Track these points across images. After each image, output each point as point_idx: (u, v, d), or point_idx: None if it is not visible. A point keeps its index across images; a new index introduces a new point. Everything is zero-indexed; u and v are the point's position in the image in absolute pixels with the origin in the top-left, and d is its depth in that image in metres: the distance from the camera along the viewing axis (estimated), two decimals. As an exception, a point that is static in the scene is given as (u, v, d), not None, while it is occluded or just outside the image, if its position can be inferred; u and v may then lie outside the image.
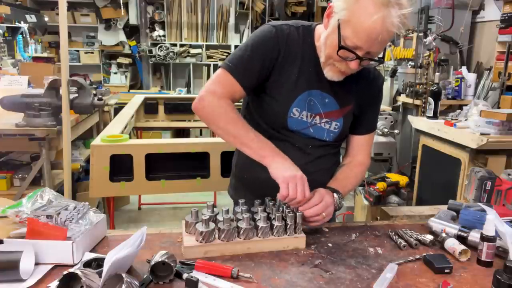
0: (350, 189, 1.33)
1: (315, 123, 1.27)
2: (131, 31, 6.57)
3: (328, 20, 1.13)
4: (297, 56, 1.23)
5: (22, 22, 4.87)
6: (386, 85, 4.16)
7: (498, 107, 2.98)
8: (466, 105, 2.97)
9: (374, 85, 1.34)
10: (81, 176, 3.47)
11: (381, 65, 4.12)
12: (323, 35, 1.16)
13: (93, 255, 0.99)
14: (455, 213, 1.32)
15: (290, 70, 1.23)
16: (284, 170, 1.10)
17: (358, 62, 1.11)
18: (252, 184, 1.34)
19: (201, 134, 5.79)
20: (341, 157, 1.45)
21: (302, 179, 1.10)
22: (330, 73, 1.19)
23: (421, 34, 3.58)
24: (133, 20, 6.39)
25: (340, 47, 1.08)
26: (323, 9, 6.13)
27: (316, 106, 1.26)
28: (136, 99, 4.03)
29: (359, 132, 1.37)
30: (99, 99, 2.75)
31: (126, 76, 6.61)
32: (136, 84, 6.82)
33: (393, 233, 1.20)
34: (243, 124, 1.19)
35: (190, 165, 2.52)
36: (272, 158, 1.14)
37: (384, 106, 3.81)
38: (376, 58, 1.15)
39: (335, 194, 1.20)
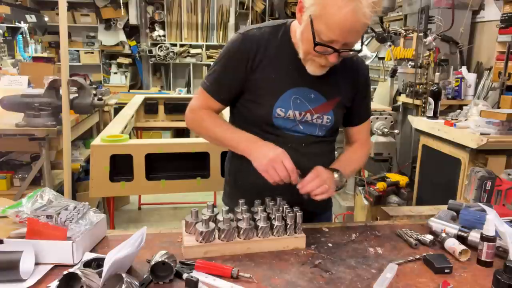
0: (353, 169, 1.37)
1: (306, 120, 1.25)
2: (131, 31, 6.57)
3: (301, 15, 1.11)
4: (272, 58, 1.21)
5: (22, 22, 4.88)
6: (386, 85, 4.16)
7: (498, 107, 2.98)
8: (466, 105, 2.97)
9: (360, 73, 1.32)
10: (81, 176, 3.47)
11: (380, 61, 4.13)
12: (298, 31, 1.14)
13: (93, 255, 0.99)
14: (455, 213, 1.32)
15: (267, 72, 1.22)
16: (260, 159, 1.14)
17: (337, 55, 1.09)
18: (247, 189, 1.31)
19: (201, 134, 5.79)
20: (336, 155, 1.44)
21: (278, 158, 1.12)
22: (311, 68, 1.17)
23: (421, 34, 3.58)
24: (133, 20, 6.39)
25: (316, 44, 1.07)
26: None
27: (303, 103, 1.24)
28: (136, 99, 4.03)
29: (355, 123, 1.38)
30: (99, 99, 2.75)
31: (126, 76, 6.62)
32: (136, 84, 6.83)
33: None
34: (221, 126, 1.26)
35: (190, 165, 2.52)
36: (250, 149, 1.18)
37: (384, 106, 3.81)
38: (354, 48, 1.12)
39: (334, 173, 1.23)
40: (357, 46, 1.14)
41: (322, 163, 1.33)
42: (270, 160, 1.12)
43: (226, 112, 1.40)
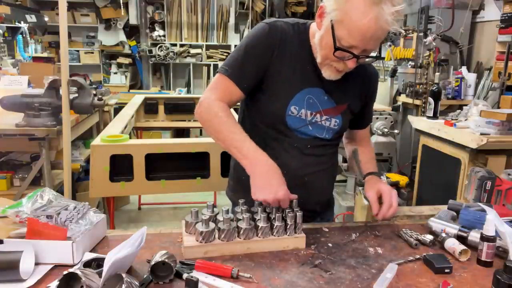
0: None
1: (315, 121, 1.27)
2: (131, 31, 6.57)
3: (321, 20, 1.12)
4: (293, 54, 1.23)
5: (22, 22, 4.87)
6: (386, 85, 4.16)
7: (498, 107, 2.98)
8: (466, 105, 2.97)
9: (372, 82, 1.36)
10: (81, 176, 3.47)
11: (380, 61, 4.14)
12: (317, 36, 1.15)
13: (93, 255, 0.99)
14: (455, 213, 1.32)
15: (286, 68, 1.23)
16: (258, 191, 1.09)
17: (355, 60, 1.11)
18: (250, 185, 1.33)
19: (201, 134, 5.79)
20: (339, 157, 1.47)
21: (277, 197, 1.08)
22: (327, 73, 1.19)
23: (421, 34, 3.58)
24: (133, 20, 6.39)
25: (337, 49, 1.08)
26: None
27: (316, 104, 1.25)
28: (136, 99, 4.02)
29: (361, 127, 1.45)
30: (99, 99, 2.75)
31: (126, 76, 6.62)
32: (136, 84, 6.82)
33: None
34: (232, 129, 1.18)
35: (190, 165, 2.52)
36: (252, 169, 1.12)
37: (384, 106, 3.81)
38: (373, 55, 1.16)
39: (381, 177, 1.32)
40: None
41: (325, 164, 1.35)
42: (269, 197, 1.08)
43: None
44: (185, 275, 0.92)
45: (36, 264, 0.95)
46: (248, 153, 1.14)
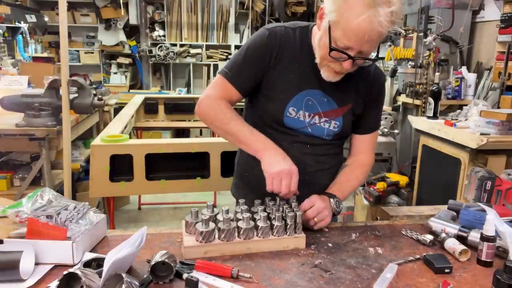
0: (350, 191, 1.35)
1: (314, 122, 1.28)
2: (131, 31, 6.57)
3: (321, 22, 1.14)
4: (292, 57, 1.24)
5: (22, 22, 4.87)
6: (386, 85, 4.15)
7: (498, 107, 2.98)
8: (466, 105, 2.96)
9: (374, 84, 1.33)
10: (81, 176, 3.47)
11: (380, 61, 4.14)
12: (317, 37, 1.17)
13: (93, 255, 0.99)
14: (455, 213, 1.32)
15: (285, 71, 1.25)
16: (272, 165, 1.14)
17: (351, 62, 1.11)
18: (252, 182, 1.35)
19: (201, 134, 5.79)
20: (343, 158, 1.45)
21: (289, 173, 1.13)
22: (326, 74, 1.19)
23: (421, 34, 3.58)
24: (133, 20, 6.39)
25: (332, 49, 1.09)
26: (323, 9, 6.10)
27: (315, 105, 1.26)
28: (136, 99, 4.03)
29: (361, 131, 1.38)
30: (99, 99, 2.75)
31: (126, 76, 6.61)
32: (136, 84, 6.82)
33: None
34: (237, 121, 1.24)
35: (190, 165, 2.52)
36: (264, 151, 1.18)
37: (384, 106, 3.79)
38: (371, 57, 1.15)
39: (331, 199, 1.23)
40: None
41: (326, 164, 1.34)
42: (281, 171, 1.12)
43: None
44: (185, 275, 0.92)
45: (36, 264, 0.95)
46: (257, 139, 1.21)
